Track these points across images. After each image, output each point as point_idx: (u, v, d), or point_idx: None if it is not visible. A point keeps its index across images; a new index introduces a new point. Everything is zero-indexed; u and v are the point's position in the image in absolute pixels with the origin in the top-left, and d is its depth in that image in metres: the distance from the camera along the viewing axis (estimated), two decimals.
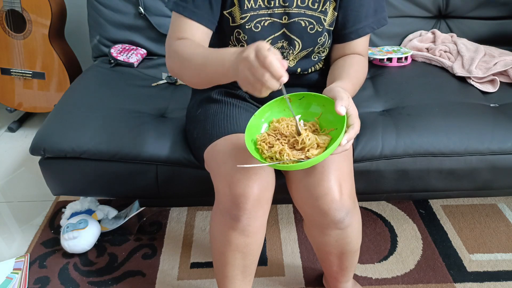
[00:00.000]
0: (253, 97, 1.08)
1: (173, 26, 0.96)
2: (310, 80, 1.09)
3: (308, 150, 0.78)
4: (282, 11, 0.97)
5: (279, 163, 0.76)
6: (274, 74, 0.67)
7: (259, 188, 0.86)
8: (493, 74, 1.43)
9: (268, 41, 1.00)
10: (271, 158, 0.78)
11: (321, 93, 0.84)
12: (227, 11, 0.98)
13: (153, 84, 1.47)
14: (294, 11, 0.97)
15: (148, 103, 1.35)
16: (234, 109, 1.03)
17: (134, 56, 1.58)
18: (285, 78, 0.68)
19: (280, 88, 0.70)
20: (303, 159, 0.76)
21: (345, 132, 0.75)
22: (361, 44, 1.03)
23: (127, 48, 1.61)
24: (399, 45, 1.68)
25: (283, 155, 0.77)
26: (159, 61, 1.62)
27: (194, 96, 1.19)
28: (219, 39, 1.05)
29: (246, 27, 0.98)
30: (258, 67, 0.68)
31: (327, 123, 0.83)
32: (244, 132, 0.83)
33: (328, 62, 1.11)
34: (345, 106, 0.76)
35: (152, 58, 1.64)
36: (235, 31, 1.00)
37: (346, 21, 1.01)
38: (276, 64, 0.67)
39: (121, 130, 1.21)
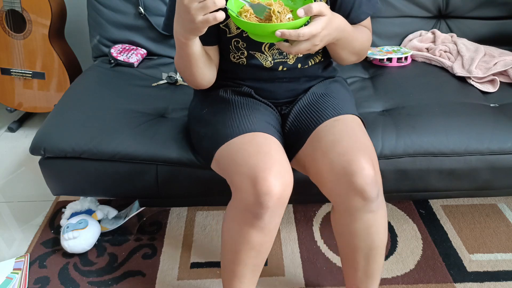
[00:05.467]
0: (259, 93, 1.09)
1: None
2: (310, 72, 1.10)
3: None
4: None
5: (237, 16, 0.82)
6: None
7: (282, 187, 0.87)
8: (493, 74, 1.44)
9: (266, 44, 1.02)
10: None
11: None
12: (223, 24, 1.01)
13: (153, 84, 1.47)
14: None
15: (148, 103, 1.35)
16: (243, 108, 1.04)
17: (134, 56, 1.58)
18: None
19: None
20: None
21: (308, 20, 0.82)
22: (362, 23, 1.06)
23: (127, 48, 1.61)
24: (399, 45, 1.68)
25: (246, 16, 0.84)
26: (159, 61, 1.62)
27: (196, 95, 1.19)
28: (220, 48, 1.07)
29: (244, 35, 1.01)
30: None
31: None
32: (257, 131, 0.92)
33: (326, 53, 1.12)
34: (305, 10, 0.80)
35: (152, 58, 1.64)
36: (233, 40, 1.03)
37: (341, 12, 1.02)
38: None
39: (121, 130, 1.21)
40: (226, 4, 0.81)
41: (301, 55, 1.05)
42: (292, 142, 1.04)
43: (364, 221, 0.94)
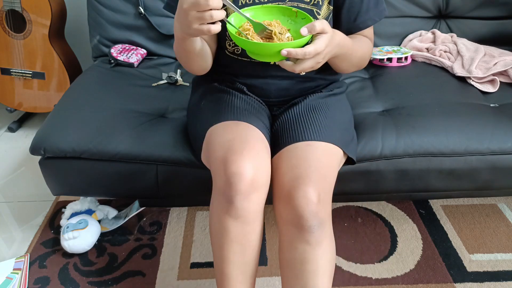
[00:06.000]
0: (252, 90, 1.09)
1: None
2: (308, 73, 1.09)
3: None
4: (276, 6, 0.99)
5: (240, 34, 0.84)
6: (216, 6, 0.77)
7: (253, 169, 0.86)
8: (493, 74, 1.44)
9: None
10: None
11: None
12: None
13: (153, 84, 1.47)
14: (287, 5, 1.00)
15: (148, 103, 1.35)
16: (235, 99, 1.04)
17: (134, 56, 1.58)
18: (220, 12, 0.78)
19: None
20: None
21: (311, 40, 0.84)
22: (365, 32, 1.07)
23: (127, 48, 1.61)
24: (399, 45, 1.68)
25: (248, 34, 0.85)
26: (159, 61, 1.62)
27: (194, 94, 1.20)
28: (217, 37, 1.07)
29: None
30: (199, 1, 0.77)
31: None
32: (241, 120, 0.93)
33: None
34: (309, 29, 0.82)
35: (152, 58, 1.64)
36: None
37: (348, 17, 1.03)
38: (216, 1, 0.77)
39: (121, 130, 1.21)
40: (227, 18, 0.82)
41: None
42: (273, 145, 1.04)
43: (299, 252, 0.89)
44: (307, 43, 0.84)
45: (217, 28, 0.79)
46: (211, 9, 0.77)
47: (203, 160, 1.06)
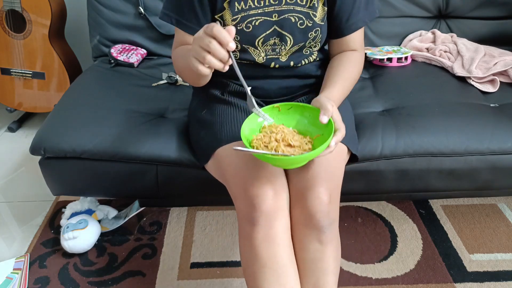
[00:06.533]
0: (252, 91, 1.08)
1: (175, 34, 1.05)
2: (303, 71, 1.10)
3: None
4: (272, 9, 1.00)
5: (272, 155, 0.81)
6: (221, 41, 0.73)
7: (274, 191, 0.87)
8: (493, 74, 1.44)
9: (260, 39, 1.02)
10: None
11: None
12: (218, 15, 1.01)
13: (153, 84, 1.47)
14: (283, 8, 1.00)
15: (148, 103, 1.35)
16: (239, 112, 1.04)
17: (134, 56, 1.58)
18: (232, 44, 0.73)
19: (228, 58, 0.76)
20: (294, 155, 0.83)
21: (333, 136, 0.83)
22: (355, 38, 1.07)
23: (127, 48, 1.61)
24: (399, 45, 1.68)
25: (278, 150, 0.83)
26: (159, 61, 1.62)
27: (196, 96, 1.19)
28: None
29: (238, 28, 1.00)
30: (205, 36, 0.74)
31: (314, 129, 0.89)
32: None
33: (322, 53, 1.13)
34: (328, 115, 0.83)
35: (152, 58, 1.64)
36: None
37: (339, 17, 1.04)
38: (223, 32, 0.73)
39: (121, 130, 1.21)
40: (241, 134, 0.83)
41: (294, 54, 1.06)
42: None
43: (311, 252, 0.90)
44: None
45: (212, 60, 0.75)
46: (218, 42, 0.73)
47: (209, 170, 1.07)
